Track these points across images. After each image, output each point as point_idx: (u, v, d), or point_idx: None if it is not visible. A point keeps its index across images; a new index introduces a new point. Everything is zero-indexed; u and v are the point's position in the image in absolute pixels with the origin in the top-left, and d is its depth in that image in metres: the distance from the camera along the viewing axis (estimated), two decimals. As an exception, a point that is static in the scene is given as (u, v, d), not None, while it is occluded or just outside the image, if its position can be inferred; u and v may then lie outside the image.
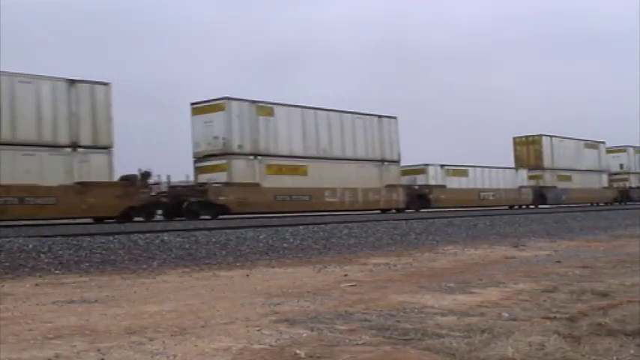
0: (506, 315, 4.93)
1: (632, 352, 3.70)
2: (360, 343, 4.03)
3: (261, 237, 13.34)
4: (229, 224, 17.45)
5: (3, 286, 7.39)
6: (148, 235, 12.91)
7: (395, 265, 9.17)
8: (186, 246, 11.78)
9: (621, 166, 48.41)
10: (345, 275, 8.00)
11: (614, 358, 3.60)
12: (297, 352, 3.77)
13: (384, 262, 9.69)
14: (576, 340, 3.98)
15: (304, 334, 4.29)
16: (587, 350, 3.74)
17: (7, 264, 9.40)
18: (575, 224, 20.65)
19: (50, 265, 9.50)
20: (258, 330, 4.46)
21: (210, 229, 14.80)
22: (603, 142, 46.06)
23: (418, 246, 13.15)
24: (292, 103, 26.50)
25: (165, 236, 12.66)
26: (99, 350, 3.89)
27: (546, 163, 40.46)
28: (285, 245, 12.56)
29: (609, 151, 46.63)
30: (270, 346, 3.98)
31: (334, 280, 7.55)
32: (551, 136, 41.12)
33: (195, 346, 4.00)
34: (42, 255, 10.21)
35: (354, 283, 7.12)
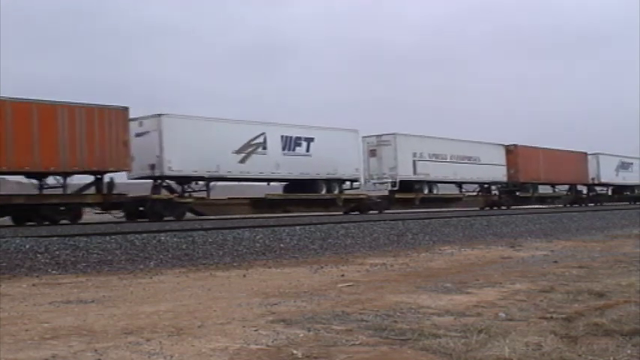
0: (503, 315, 4.94)
1: (628, 352, 3.71)
2: (356, 343, 4.03)
3: (257, 237, 13.32)
4: (226, 224, 17.43)
5: (0, 286, 7.38)
6: (144, 235, 12.86)
7: (392, 266, 9.18)
8: (183, 246, 11.76)
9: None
10: (342, 275, 8.01)
11: (611, 358, 3.60)
12: (294, 352, 3.78)
13: (380, 262, 9.69)
14: (573, 340, 3.99)
15: (301, 335, 4.30)
16: (584, 350, 3.75)
17: (4, 264, 9.39)
18: (571, 224, 20.68)
19: (47, 266, 9.49)
20: (255, 330, 4.46)
21: (206, 230, 14.76)
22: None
23: (415, 246, 13.16)
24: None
25: (162, 236, 12.63)
26: (96, 350, 3.89)
27: None
28: (281, 245, 12.55)
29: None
30: (267, 346, 3.98)
31: (331, 280, 7.56)
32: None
33: (192, 346, 4.00)
34: (39, 255, 10.19)
35: (350, 284, 7.13)
